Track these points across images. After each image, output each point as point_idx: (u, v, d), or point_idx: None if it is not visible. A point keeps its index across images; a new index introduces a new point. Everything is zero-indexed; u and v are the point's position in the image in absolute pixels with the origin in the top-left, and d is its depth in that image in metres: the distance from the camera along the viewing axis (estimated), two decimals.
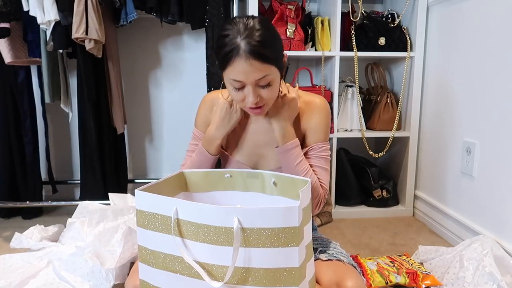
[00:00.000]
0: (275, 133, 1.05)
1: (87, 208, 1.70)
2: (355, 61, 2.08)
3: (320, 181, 1.07)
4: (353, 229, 2.03)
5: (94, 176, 2.07)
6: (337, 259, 1.09)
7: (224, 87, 1.04)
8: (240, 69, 0.91)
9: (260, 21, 0.94)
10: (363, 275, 1.44)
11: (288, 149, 1.04)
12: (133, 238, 1.46)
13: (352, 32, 2.09)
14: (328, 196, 2.12)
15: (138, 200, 0.89)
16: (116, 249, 1.45)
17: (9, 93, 2.05)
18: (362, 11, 2.10)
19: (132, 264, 1.47)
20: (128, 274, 1.43)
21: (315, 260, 1.09)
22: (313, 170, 1.08)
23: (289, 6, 2.03)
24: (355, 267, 1.10)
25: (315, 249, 1.14)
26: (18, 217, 2.17)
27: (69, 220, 1.69)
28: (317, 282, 1.06)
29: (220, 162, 1.21)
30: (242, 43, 0.90)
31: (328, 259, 1.09)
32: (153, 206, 0.87)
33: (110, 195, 1.84)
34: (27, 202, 2.08)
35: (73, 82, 2.17)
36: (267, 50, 0.91)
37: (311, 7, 2.28)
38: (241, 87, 0.95)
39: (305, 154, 1.10)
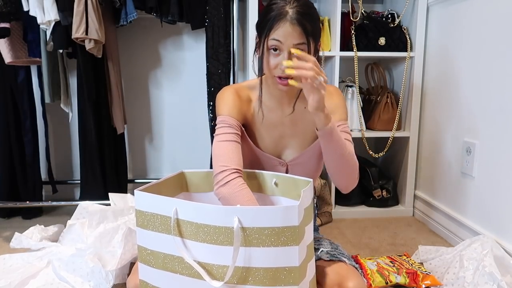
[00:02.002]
0: (319, 116, 1.01)
1: (86, 209, 1.70)
2: (355, 61, 2.08)
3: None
4: (353, 229, 2.03)
5: (94, 176, 2.07)
6: (338, 260, 1.09)
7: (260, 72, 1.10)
8: (283, 30, 1.01)
9: (306, 0, 1.06)
10: (364, 276, 1.44)
11: (334, 126, 1.04)
12: (133, 238, 1.46)
13: (352, 32, 2.09)
14: (329, 196, 2.12)
15: (138, 200, 0.89)
16: (117, 250, 1.45)
17: (9, 93, 2.05)
18: (362, 11, 2.10)
19: (132, 264, 1.47)
20: (128, 274, 1.43)
21: (317, 260, 1.09)
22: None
23: None
24: (356, 268, 1.10)
25: (316, 249, 1.14)
26: (18, 217, 2.17)
27: (69, 222, 1.69)
28: (318, 282, 1.06)
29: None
30: (290, 10, 1.01)
31: (330, 259, 1.09)
32: (152, 206, 0.87)
33: (110, 195, 1.84)
34: (27, 202, 2.08)
35: (73, 82, 2.17)
36: (309, 22, 1.02)
37: None
38: (277, 50, 1.03)
39: None
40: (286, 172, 1.17)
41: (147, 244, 0.89)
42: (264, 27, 1.04)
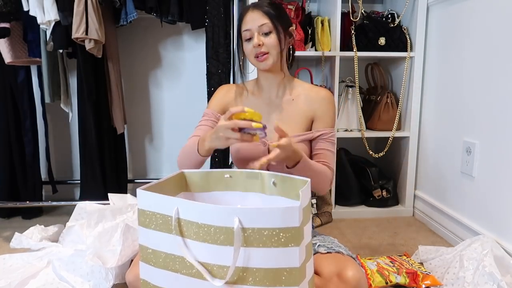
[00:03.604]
0: (286, 162, 1.11)
1: (84, 209, 1.70)
2: (355, 61, 2.08)
3: (327, 164, 1.22)
4: (353, 229, 2.03)
5: (94, 176, 2.07)
6: (336, 252, 1.11)
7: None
8: (248, 18, 1.20)
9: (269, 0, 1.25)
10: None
11: (301, 166, 1.11)
12: (132, 235, 1.46)
13: (352, 32, 2.09)
14: (329, 196, 2.12)
15: (140, 199, 0.89)
16: (117, 248, 1.45)
17: (9, 93, 2.05)
18: (362, 11, 2.10)
19: (131, 262, 1.48)
20: None
21: (314, 254, 1.10)
22: (323, 153, 1.24)
23: (289, 6, 2.03)
24: (354, 259, 1.12)
25: (313, 244, 1.15)
26: (18, 217, 2.17)
27: (68, 224, 1.69)
28: (317, 274, 1.08)
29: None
30: (252, 4, 1.22)
31: (328, 252, 1.11)
32: (154, 206, 0.87)
33: (110, 195, 1.83)
34: (27, 202, 2.08)
35: (73, 82, 2.17)
36: (268, 7, 1.19)
37: (311, 7, 2.28)
38: (250, 38, 1.20)
39: (317, 137, 1.25)
40: (268, 152, 1.21)
41: (149, 243, 0.89)
42: (238, 28, 1.24)
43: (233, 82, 2.14)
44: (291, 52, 1.30)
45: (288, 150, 1.03)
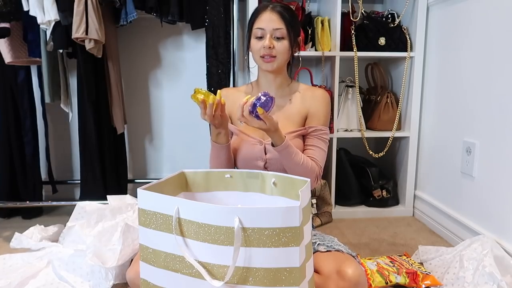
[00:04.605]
0: (270, 136, 1.17)
1: (84, 208, 1.69)
2: (355, 61, 2.08)
3: (315, 159, 1.24)
4: (353, 229, 2.03)
5: (94, 176, 2.07)
6: (335, 250, 1.11)
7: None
8: (264, 18, 1.23)
9: (286, 5, 1.29)
10: None
11: (282, 149, 1.16)
12: (132, 234, 1.46)
13: (352, 32, 2.09)
14: (329, 196, 2.12)
15: (141, 199, 0.89)
16: (117, 247, 1.45)
17: (9, 93, 2.05)
18: (362, 11, 2.10)
19: (131, 261, 1.48)
20: None
21: (314, 253, 1.11)
22: (312, 149, 1.26)
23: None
24: (354, 257, 1.12)
25: (313, 243, 1.16)
26: (18, 217, 2.17)
27: (68, 224, 1.69)
28: (317, 272, 1.09)
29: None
30: (270, 5, 1.25)
31: (327, 250, 1.12)
32: (155, 205, 0.87)
33: (109, 197, 1.80)
34: (27, 202, 2.08)
35: (73, 82, 2.17)
36: (286, 13, 1.23)
37: (311, 7, 2.28)
38: (261, 36, 1.23)
39: (308, 133, 1.28)
40: (265, 152, 1.26)
41: (149, 242, 0.89)
42: (250, 23, 1.26)
43: (233, 82, 2.14)
44: (291, 58, 1.33)
45: (271, 124, 1.09)
